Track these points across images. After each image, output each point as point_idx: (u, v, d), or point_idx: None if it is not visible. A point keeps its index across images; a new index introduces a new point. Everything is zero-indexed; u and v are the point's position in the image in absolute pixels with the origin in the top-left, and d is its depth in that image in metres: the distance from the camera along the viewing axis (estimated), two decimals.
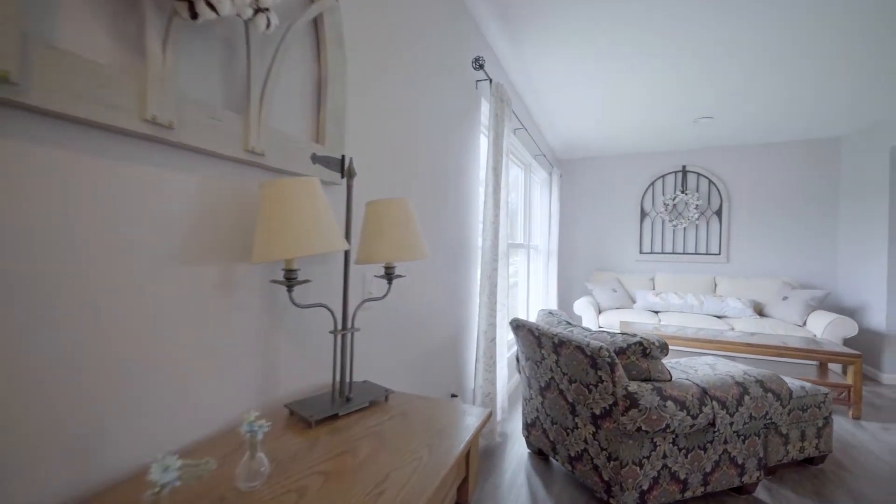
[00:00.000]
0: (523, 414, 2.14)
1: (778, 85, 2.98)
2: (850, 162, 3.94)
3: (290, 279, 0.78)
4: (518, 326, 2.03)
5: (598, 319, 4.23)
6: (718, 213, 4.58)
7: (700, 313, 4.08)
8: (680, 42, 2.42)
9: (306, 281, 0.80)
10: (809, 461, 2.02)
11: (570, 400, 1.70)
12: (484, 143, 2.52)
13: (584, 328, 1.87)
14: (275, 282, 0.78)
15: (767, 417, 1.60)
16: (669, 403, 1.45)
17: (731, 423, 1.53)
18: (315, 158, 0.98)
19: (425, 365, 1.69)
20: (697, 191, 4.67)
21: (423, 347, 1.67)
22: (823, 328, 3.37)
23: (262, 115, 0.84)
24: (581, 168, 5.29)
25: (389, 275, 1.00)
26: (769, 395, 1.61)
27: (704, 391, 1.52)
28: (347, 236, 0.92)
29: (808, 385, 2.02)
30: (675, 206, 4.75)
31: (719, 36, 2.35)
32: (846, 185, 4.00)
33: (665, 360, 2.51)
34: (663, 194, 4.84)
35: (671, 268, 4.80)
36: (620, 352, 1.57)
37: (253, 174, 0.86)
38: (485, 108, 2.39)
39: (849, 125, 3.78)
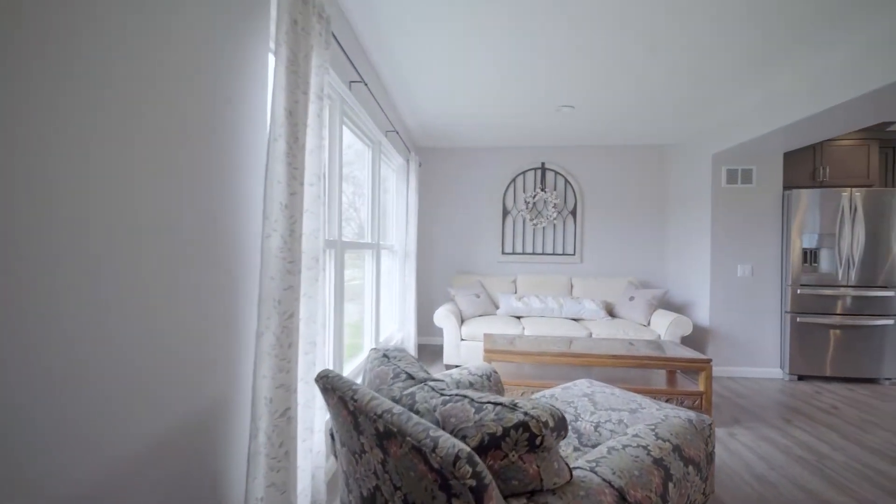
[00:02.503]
0: None
1: (620, 88, 2.94)
2: (678, 167, 4.25)
3: None
4: (326, 389, 1.16)
5: (460, 331, 3.68)
6: (573, 212, 4.54)
7: (560, 317, 3.90)
8: (539, 25, 2.04)
9: None
10: None
11: None
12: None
13: (433, 384, 1.11)
14: None
15: (689, 501, 1.09)
16: None
17: None
18: None
19: None
20: (555, 189, 4.56)
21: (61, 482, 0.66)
22: (666, 328, 3.43)
23: None
24: (442, 158, 4.73)
25: None
26: (690, 468, 1.11)
27: (622, 496, 0.90)
28: None
29: (693, 417, 1.67)
30: (534, 204, 4.56)
31: (572, 32, 2.04)
32: (674, 189, 4.31)
33: (537, 394, 1.98)
34: (524, 191, 4.61)
35: (532, 268, 4.61)
36: (493, 445, 0.84)
37: None
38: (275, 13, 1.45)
39: (677, 133, 4.03)
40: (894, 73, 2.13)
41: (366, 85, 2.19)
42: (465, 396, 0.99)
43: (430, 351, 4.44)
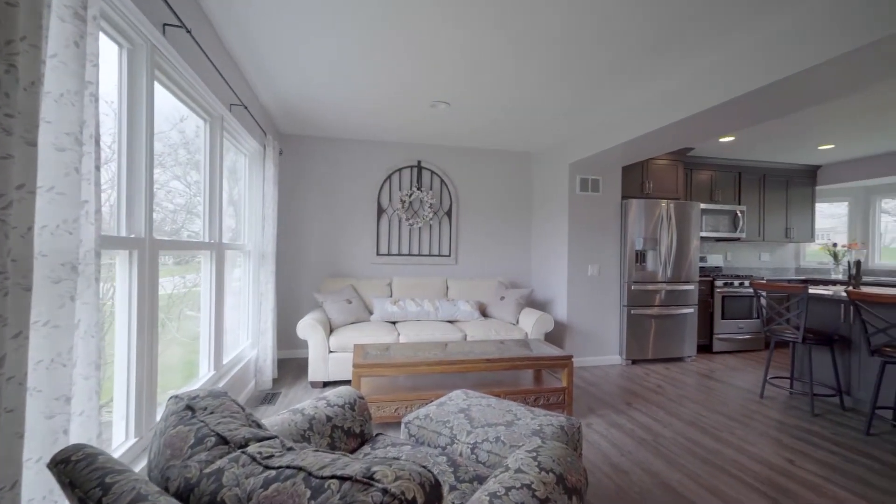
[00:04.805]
0: None
1: (492, 89, 2.97)
2: (542, 174, 4.57)
3: None
4: (63, 483, 0.71)
5: (328, 342, 3.25)
6: (449, 213, 4.51)
7: (436, 319, 3.79)
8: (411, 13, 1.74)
9: None
10: None
11: None
12: None
13: (256, 449, 0.76)
14: None
15: None
16: None
17: None
18: None
19: None
20: (431, 189, 4.46)
21: None
22: (532, 326, 3.60)
23: None
24: (311, 148, 4.20)
25: None
26: (574, 499, 0.99)
27: None
28: None
29: (565, 422, 1.65)
30: (411, 203, 4.38)
31: (448, 24, 1.82)
32: (539, 194, 4.63)
33: (410, 416, 1.76)
34: (400, 189, 4.39)
35: (408, 270, 4.42)
36: None
37: None
38: None
39: (542, 140, 4.32)
40: (692, 108, 2.58)
41: (189, 32, 1.65)
42: (299, 470, 0.68)
43: (294, 366, 3.88)
